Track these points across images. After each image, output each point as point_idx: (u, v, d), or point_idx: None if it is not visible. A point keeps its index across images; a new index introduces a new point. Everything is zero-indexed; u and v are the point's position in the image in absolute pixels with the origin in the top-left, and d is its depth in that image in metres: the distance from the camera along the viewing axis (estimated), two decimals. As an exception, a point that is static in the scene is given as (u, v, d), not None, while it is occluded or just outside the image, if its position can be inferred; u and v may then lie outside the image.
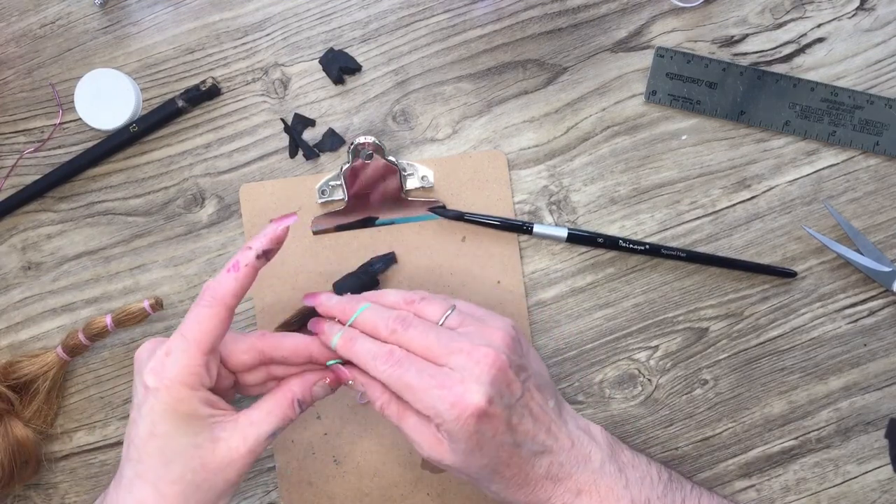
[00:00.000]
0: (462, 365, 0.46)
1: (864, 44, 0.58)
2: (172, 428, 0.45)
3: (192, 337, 0.45)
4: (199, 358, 0.45)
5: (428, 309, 0.49)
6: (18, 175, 0.60)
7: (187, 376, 0.45)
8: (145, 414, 0.45)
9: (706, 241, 0.58)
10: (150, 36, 0.60)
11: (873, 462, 0.58)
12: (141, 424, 0.45)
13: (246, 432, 0.46)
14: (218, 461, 0.45)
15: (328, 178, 0.59)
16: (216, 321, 0.46)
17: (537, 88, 0.59)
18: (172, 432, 0.45)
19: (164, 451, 0.45)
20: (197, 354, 0.45)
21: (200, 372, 0.45)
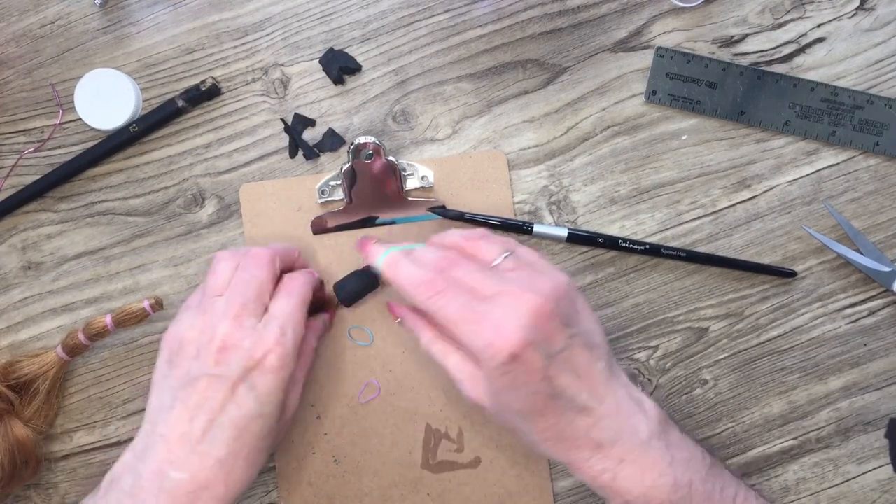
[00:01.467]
0: (504, 305, 0.45)
1: (864, 44, 0.58)
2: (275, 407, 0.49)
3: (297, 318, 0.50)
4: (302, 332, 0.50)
5: (485, 248, 0.50)
6: (18, 175, 0.60)
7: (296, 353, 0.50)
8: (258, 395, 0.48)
9: (706, 241, 0.58)
10: (150, 36, 0.60)
11: (873, 462, 0.58)
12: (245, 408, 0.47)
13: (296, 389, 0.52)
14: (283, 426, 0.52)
15: (328, 178, 0.59)
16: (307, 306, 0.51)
17: (537, 88, 0.59)
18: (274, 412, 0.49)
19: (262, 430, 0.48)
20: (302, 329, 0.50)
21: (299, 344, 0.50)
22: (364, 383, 0.58)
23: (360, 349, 0.58)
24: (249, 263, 0.51)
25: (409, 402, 0.58)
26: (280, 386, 0.48)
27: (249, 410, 0.47)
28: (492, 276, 0.47)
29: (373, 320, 0.58)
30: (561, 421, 0.46)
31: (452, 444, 0.58)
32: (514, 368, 0.45)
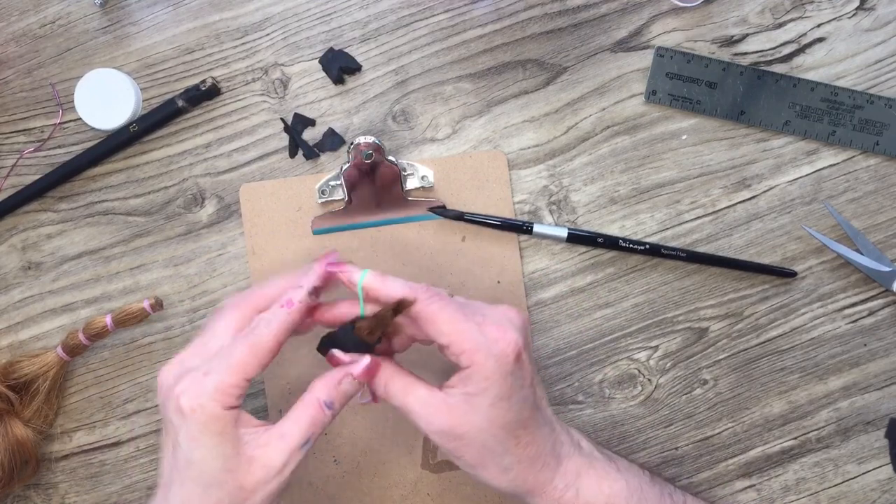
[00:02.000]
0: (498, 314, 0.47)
1: (864, 44, 0.58)
2: (208, 452, 0.44)
3: (237, 362, 0.45)
4: (240, 382, 0.45)
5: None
6: (18, 175, 0.60)
7: (223, 396, 0.44)
8: (182, 439, 0.44)
9: (706, 241, 0.58)
10: (150, 36, 0.60)
11: (873, 462, 0.58)
12: (180, 449, 0.45)
13: (278, 446, 0.45)
14: (255, 481, 0.45)
15: (328, 178, 0.59)
16: (265, 351, 0.45)
17: (537, 88, 0.59)
18: (208, 457, 0.44)
19: (202, 476, 0.45)
20: (238, 378, 0.45)
21: (237, 393, 0.45)
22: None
23: (360, 349, 0.58)
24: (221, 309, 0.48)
25: (409, 402, 0.58)
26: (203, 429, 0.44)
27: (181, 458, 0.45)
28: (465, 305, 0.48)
29: (373, 320, 0.58)
30: (538, 434, 0.47)
31: (452, 444, 0.58)
32: (517, 370, 0.46)
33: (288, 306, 0.47)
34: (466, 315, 0.46)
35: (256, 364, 0.45)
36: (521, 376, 0.46)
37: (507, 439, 0.46)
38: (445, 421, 0.46)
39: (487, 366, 0.45)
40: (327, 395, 0.47)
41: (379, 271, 0.48)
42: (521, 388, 0.46)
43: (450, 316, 0.46)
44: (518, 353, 0.46)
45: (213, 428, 0.44)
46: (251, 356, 0.45)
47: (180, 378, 0.45)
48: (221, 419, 0.44)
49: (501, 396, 0.45)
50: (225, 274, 0.59)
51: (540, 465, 0.47)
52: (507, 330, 0.46)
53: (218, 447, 0.44)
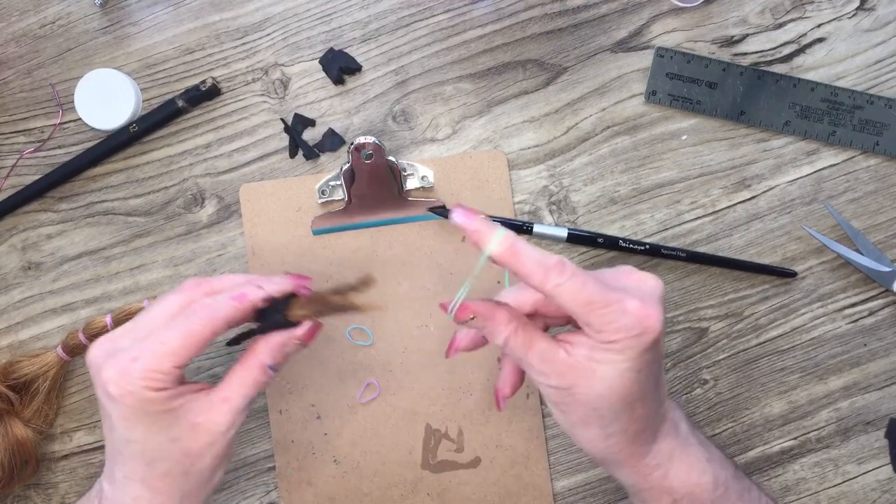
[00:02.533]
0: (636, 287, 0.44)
1: (864, 44, 0.58)
2: (146, 430, 0.44)
3: (169, 349, 0.43)
4: (170, 368, 0.43)
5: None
6: (18, 175, 0.60)
7: (153, 381, 0.43)
8: (116, 421, 0.44)
9: (706, 241, 0.58)
10: (150, 36, 0.60)
11: (873, 462, 0.58)
12: (116, 430, 0.44)
13: (222, 409, 0.45)
14: (201, 445, 0.45)
15: (328, 178, 0.59)
16: (201, 340, 0.44)
17: (537, 88, 0.59)
18: (148, 434, 0.44)
19: (144, 453, 0.44)
20: (168, 364, 0.43)
21: (167, 378, 0.44)
22: (364, 383, 0.58)
23: (360, 349, 0.58)
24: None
25: (409, 402, 0.58)
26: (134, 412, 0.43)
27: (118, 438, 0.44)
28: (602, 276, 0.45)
29: (372, 320, 0.58)
30: (650, 408, 0.45)
31: (452, 444, 0.58)
32: (656, 346, 0.43)
33: (238, 300, 0.45)
34: (608, 290, 0.43)
35: (186, 353, 0.44)
36: (657, 351, 0.44)
37: (623, 409, 0.44)
38: (563, 379, 0.44)
39: (629, 343, 0.42)
40: (272, 359, 0.47)
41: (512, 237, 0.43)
42: (653, 363, 0.44)
43: (591, 293, 0.42)
44: (659, 335, 0.43)
45: (147, 409, 0.43)
46: (182, 345, 0.44)
47: (108, 359, 0.44)
48: (154, 401, 0.43)
49: (632, 369, 0.43)
50: (225, 274, 0.59)
51: (643, 438, 0.45)
52: (651, 306, 0.43)
53: (155, 424, 0.44)
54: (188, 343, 0.44)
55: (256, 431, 0.59)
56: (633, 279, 0.45)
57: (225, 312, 0.45)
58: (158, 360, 0.43)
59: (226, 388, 0.46)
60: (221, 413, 0.45)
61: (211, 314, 0.45)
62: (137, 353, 0.44)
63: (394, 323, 0.58)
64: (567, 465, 0.58)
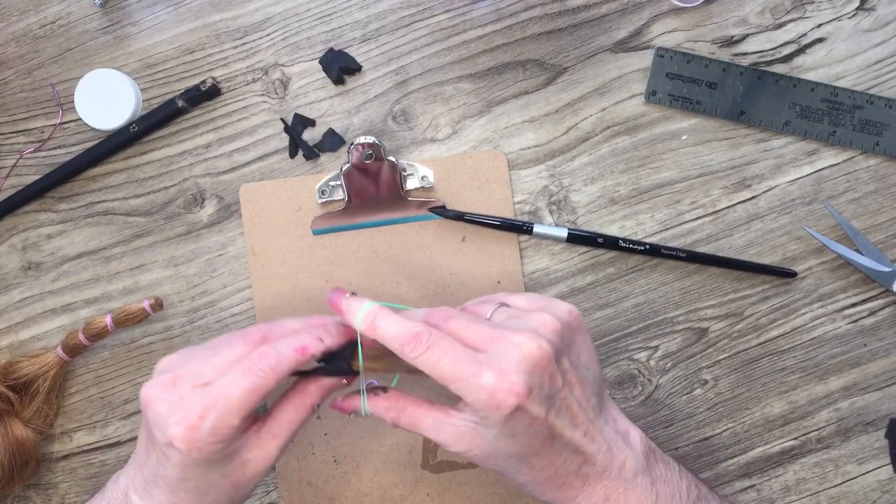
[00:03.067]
0: (502, 352, 0.43)
1: (864, 44, 0.58)
2: (205, 472, 0.45)
3: (237, 404, 0.44)
4: (236, 421, 0.44)
5: (477, 307, 0.48)
6: (18, 175, 0.60)
7: (221, 437, 0.43)
8: (175, 465, 0.44)
9: (706, 241, 0.58)
10: (150, 36, 0.60)
11: (873, 462, 0.58)
12: (170, 470, 0.45)
13: (270, 445, 0.46)
14: (249, 477, 0.46)
15: (328, 178, 0.59)
16: (265, 392, 0.44)
17: (537, 88, 0.59)
18: (206, 475, 0.45)
19: (198, 488, 0.45)
20: (236, 419, 0.44)
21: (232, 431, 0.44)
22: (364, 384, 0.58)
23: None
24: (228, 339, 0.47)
25: (409, 402, 0.58)
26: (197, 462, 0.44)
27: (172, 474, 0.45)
28: (486, 325, 0.45)
29: (373, 320, 0.58)
30: (555, 459, 0.45)
31: (452, 444, 0.58)
32: (518, 416, 0.43)
33: (301, 353, 0.45)
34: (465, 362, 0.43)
35: (252, 406, 0.44)
36: (526, 418, 0.43)
37: (519, 464, 0.45)
38: (459, 444, 0.45)
39: (482, 414, 0.43)
40: (320, 399, 0.48)
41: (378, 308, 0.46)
42: (527, 428, 0.44)
43: (442, 374, 0.44)
44: (516, 406, 0.42)
45: (210, 459, 0.44)
46: (248, 399, 0.44)
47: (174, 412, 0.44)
48: (220, 450, 0.44)
49: (504, 434, 0.44)
50: (225, 274, 0.59)
51: (559, 483, 0.46)
52: (504, 384, 0.42)
53: (214, 467, 0.45)
54: (254, 397, 0.44)
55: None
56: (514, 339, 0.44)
57: (288, 364, 0.45)
58: (226, 417, 0.43)
59: (275, 426, 0.47)
60: (270, 450, 0.46)
61: (275, 366, 0.44)
62: (204, 411, 0.43)
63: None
64: (567, 465, 0.58)
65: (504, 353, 0.43)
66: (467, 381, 0.43)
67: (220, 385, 0.44)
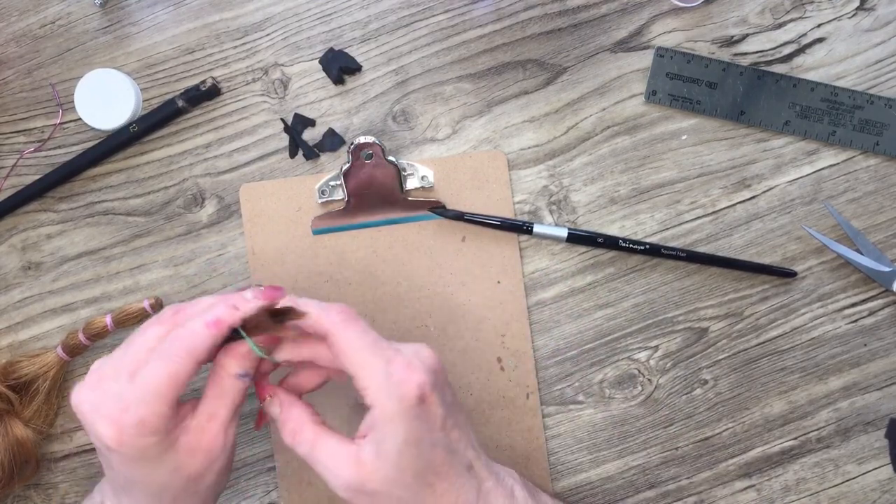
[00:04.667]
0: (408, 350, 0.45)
1: (864, 44, 0.58)
2: (149, 470, 0.44)
3: (157, 391, 0.43)
4: (162, 410, 0.43)
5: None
6: (18, 175, 0.60)
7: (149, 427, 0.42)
8: (117, 466, 0.44)
9: (706, 241, 0.58)
10: (150, 36, 0.60)
11: (873, 462, 0.58)
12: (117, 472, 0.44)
13: (211, 428, 0.45)
14: (202, 466, 0.45)
15: (328, 178, 0.59)
16: (186, 375, 0.43)
17: (537, 88, 0.59)
18: (151, 473, 0.44)
19: (150, 487, 0.44)
20: (162, 407, 0.43)
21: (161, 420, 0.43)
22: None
23: (360, 349, 0.58)
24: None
25: (409, 402, 0.58)
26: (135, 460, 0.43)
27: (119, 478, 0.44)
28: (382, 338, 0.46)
29: (372, 320, 0.58)
30: (457, 481, 0.45)
31: (452, 444, 0.58)
32: (422, 411, 0.43)
33: (215, 327, 0.44)
34: (377, 348, 0.44)
35: (174, 391, 0.43)
36: (427, 419, 0.43)
37: (422, 489, 0.44)
38: (355, 475, 0.43)
39: (389, 406, 0.43)
40: (241, 368, 0.46)
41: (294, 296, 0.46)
42: (429, 432, 0.44)
43: (360, 345, 0.44)
44: (422, 395, 0.43)
45: (147, 454, 0.43)
46: (168, 385, 0.43)
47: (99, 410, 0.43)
48: (155, 444, 0.43)
49: (408, 441, 0.43)
50: (225, 274, 0.59)
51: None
52: (414, 370, 0.43)
53: (156, 462, 0.43)
54: (174, 380, 0.43)
55: (256, 432, 0.59)
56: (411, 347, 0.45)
57: (203, 342, 0.44)
58: (149, 406, 0.43)
59: (208, 406, 0.45)
60: (213, 432, 0.45)
61: (190, 348, 0.44)
62: (126, 403, 0.43)
63: (393, 323, 0.58)
64: (567, 465, 0.59)
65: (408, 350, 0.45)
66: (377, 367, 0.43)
67: (140, 377, 0.43)
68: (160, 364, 0.43)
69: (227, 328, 0.45)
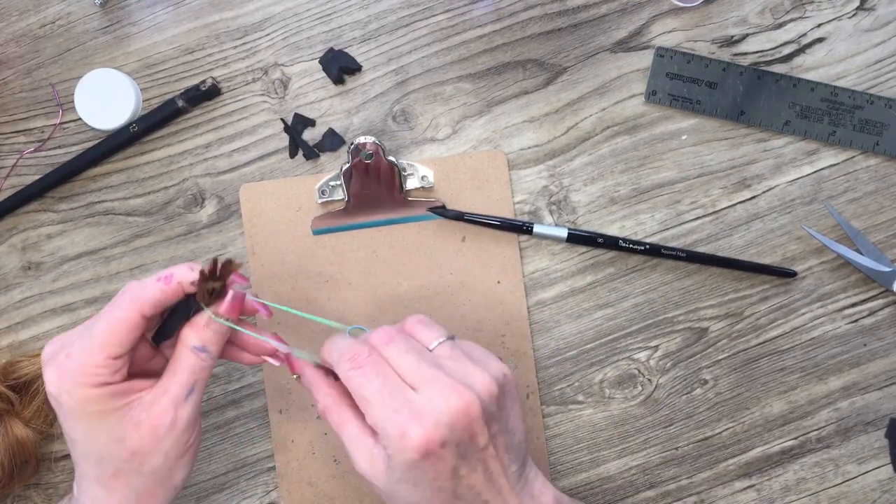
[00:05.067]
0: (430, 397, 0.42)
1: (864, 44, 0.58)
2: (88, 430, 0.43)
3: (99, 340, 0.43)
4: (104, 360, 0.42)
5: (423, 332, 0.46)
6: (18, 175, 0.60)
7: (90, 377, 0.42)
8: (62, 421, 0.44)
9: (706, 241, 0.58)
10: (150, 36, 0.60)
11: (873, 462, 0.58)
12: (64, 431, 0.44)
13: (161, 402, 0.44)
14: (147, 442, 0.44)
15: (328, 178, 0.59)
16: (129, 325, 0.43)
17: (537, 88, 0.59)
18: (91, 434, 0.43)
19: (89, 452, 0.44)
20: (101, 356, 0.42)
21: (105, 372, 0.43)
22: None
23: (360, 349, 0.58)
24: None
25: (409, 402, 0.58)
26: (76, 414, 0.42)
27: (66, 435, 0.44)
28: (424, 360, 0.43)
29: (373, 320, 0.58)
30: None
31: (452, 444, 0.58)
32: (424, 465, 0.42)
33: (165, 282, 0.44)
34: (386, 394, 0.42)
35: (118, 340, 0.43)
36: (433, 469, 0.42)
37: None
38: (368, 470, 0.44)
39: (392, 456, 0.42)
40: (198, 341, 0.45)
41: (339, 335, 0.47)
42: (432, 480, 0.42)
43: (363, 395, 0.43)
44: (427, 452, 0.41)
45: (89, 408, 0.43)
46: (111, 332, 0.43)
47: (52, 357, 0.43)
48: (95, 398, 0.43)
49: (406, 480, 0.42)
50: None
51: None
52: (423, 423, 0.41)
53: (97, 423, 0.43)
54: (117, 329, 0.43)
55: (256, 431, 0.59)
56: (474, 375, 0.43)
57: (150, 293, 0.43)
58: (91, 353, 0.42)
59: (164, 381, 0.45)
60: (162, 407, 0.44)
61: (134, 296, 0.43)
62: (71, 350, 0.43)
63: (393, 323, 0.58)
64: (567, 465, 0.59)
65: (431, 400, 0.42)
66: (384, 412, 0.42)
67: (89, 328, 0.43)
68: (106, 314, 0.43)
69: (176, 284, 0.44)
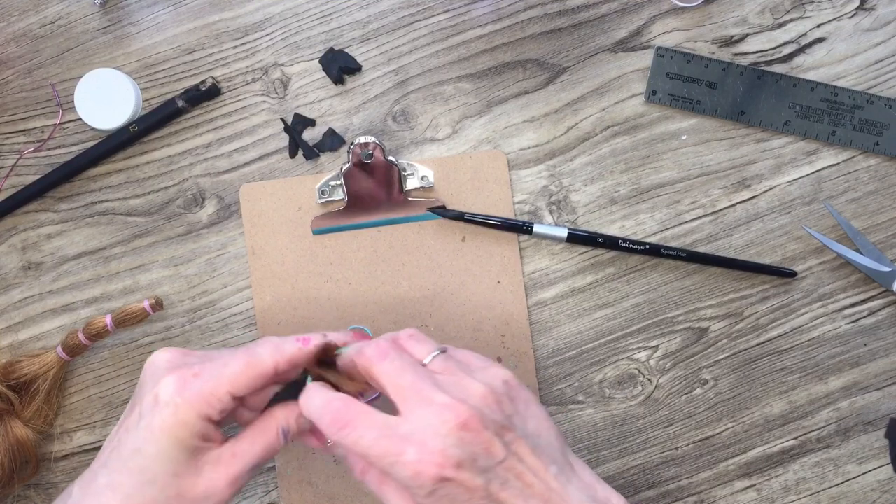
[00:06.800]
0: (426, 422, 0.41)
1: (864, 44, 0.58)
2: (161, 451, 0.43)
3: (230, 373, 0.44)
4: (225, 394, 0.44)
5: (415, 347, 0.46)
6: (18, 175, 0.60)
7: (204, 404, 0.43)
8: (143, 428, 0.43)
9: (706, 241, 0.58)
10: (150, 36, 0.60)
11: (873, 462, 0.58)
12: (133, 436, 0.44)
13: (229, 464, 0.44)
14: (196, 493, 0.44)
15: (328, 178, 0.59)
16: (261, 372, 0.44)
17: (537, 88, 0.59)
18: (160, 455, 0.43)
19: (144, 471, 0.43)
20: (224, 390, 0.44)
21: (218, 406, 0.44)
22: (364, 383, 0.58)
23: (360, 349, 0.58)
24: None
25: (409, 402, 0.58)
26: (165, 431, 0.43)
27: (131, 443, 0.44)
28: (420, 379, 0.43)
29: (373, 320, 0.58)
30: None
31: (452, 444, 0.58)
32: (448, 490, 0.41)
33: (303, 343, 0.46)
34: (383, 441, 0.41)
35: (245, 382, 0.44)
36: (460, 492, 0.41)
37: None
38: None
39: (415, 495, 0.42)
40: (286, 422, 0.46)
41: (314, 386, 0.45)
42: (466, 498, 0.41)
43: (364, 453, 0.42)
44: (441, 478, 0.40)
45: (179, 432, 0.43)
46: (243, 372, 0.44)
47: (172, 368, 0.44)
48: (190, 426, 0.43)
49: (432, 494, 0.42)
50: (225, 274, 0.59)
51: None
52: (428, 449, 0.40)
53: (173, 450, 0.43)
54: (250, 372, 0.44)
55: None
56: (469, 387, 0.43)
57: (289, 350, 0.45)
58: (218, 382, 0.44)
59: (238, 445, 0.45)
60: (226, 470, 0.44)
61: (275, 348, 0.45)
62: (200, 371, 0.44)
63: (393, 323, 0.58)
64: (567, 465, 0.58)
65: (427, 423, 0.41)
66: (389, 460, 0.41)
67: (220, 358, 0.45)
68: (243, 354, 0.45)
69: (314, 347, 0.46)
